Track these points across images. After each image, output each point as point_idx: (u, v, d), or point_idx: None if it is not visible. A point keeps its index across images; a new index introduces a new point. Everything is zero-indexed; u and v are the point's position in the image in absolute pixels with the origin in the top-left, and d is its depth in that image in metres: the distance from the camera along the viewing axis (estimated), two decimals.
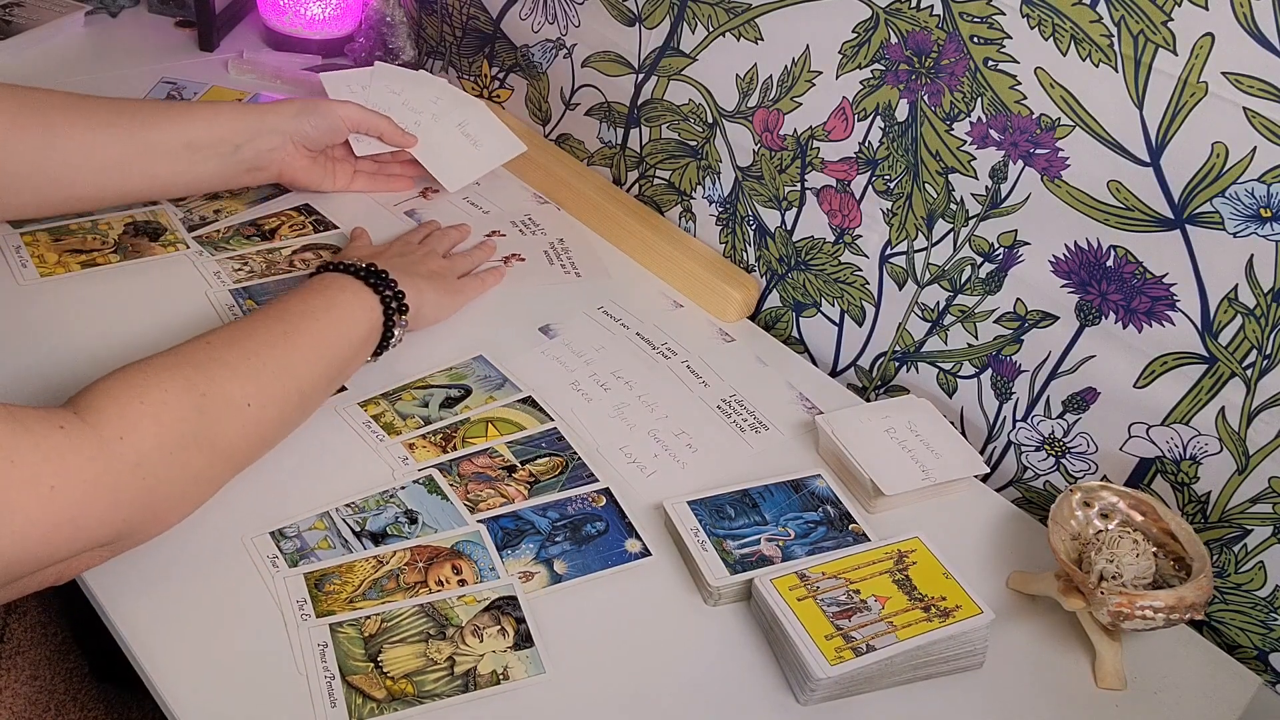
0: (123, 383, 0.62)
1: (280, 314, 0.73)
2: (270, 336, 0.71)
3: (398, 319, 0.79)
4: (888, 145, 0.83)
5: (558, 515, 0.74)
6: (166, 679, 0.61)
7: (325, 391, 0.76)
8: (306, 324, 0.73)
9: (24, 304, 0.82)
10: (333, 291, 0.77)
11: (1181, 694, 0.72)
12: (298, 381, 0.71)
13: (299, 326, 0.72)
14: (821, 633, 0.66)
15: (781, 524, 0.76)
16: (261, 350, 0.69)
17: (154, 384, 0.63)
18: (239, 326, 0.71)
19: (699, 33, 0.91)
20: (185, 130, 0.86)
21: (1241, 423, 0.72)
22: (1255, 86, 0.63)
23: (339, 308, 0.76)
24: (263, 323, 0.72)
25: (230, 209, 0.96)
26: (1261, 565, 0.74)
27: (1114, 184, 0.72)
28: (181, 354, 0.67)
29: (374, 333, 0.78)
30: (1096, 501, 0.75)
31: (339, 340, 0.75)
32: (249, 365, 0.68)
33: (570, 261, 0.99)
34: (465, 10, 1.12)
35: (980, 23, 0.74)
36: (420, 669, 0.63)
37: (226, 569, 0.67)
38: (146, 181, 0.88)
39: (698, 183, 0.99)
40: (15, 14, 1.18)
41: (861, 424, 0.83)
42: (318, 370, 0.73)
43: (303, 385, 0.72)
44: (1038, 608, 0.75)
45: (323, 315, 0.74)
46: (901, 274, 0.87)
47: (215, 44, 1.21)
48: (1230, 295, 0.69)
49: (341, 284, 0.78)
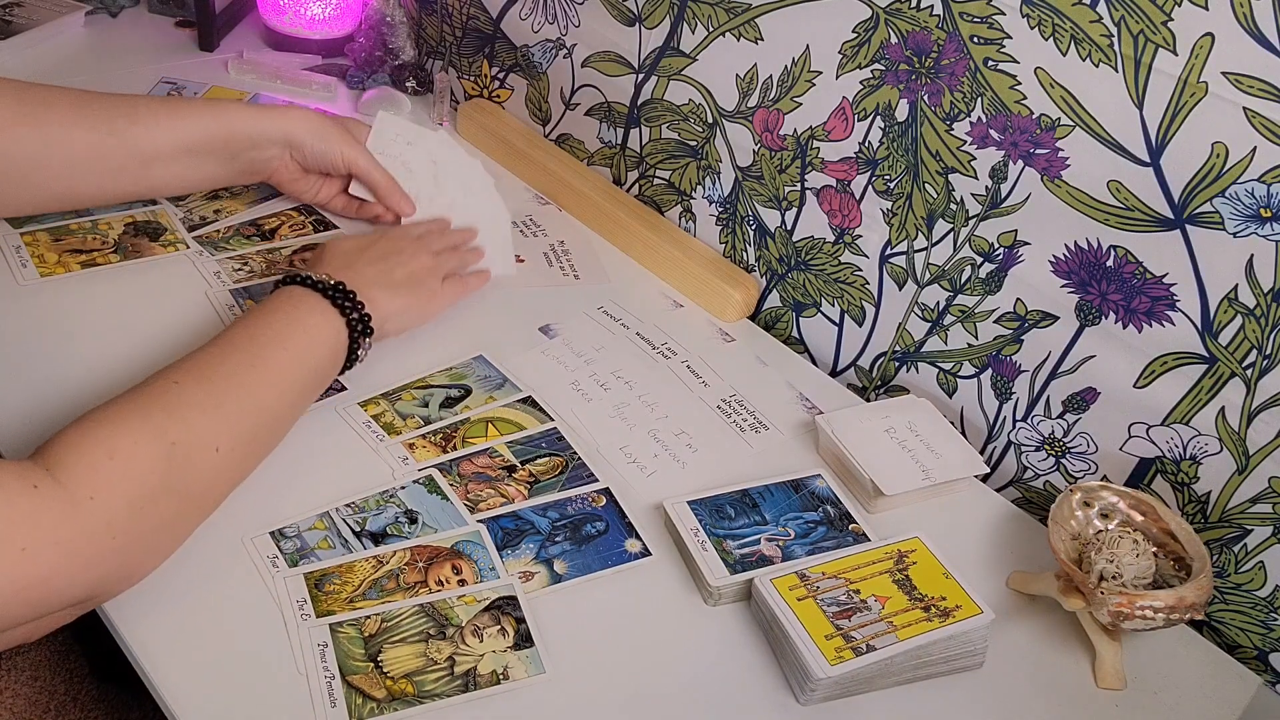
0: (92, 436, 0.61)
1: (246, 341, 0.71)
2: (237, 369, 0.69)
3: (362, 341, 0.77)
4: (888, 145, 0.83)
5: (558, 515, 0.74)
6: (167, 679, 0.61)
7: (292, 419, 0.74)
8: (273, 352, 0.71)
9: (24, 304, 0.82)
10: (300, 312, 0.74)
11: (1181, 694, 0.72)
12: (266, 415, 0.70)
13: (265, 356, 0.71)
14: (821, 633, 0.66)
15: (781, 524, 0.76)
16: (229, 387, 0.68)
17: (123, 435, 0.61)
18: (205, 359, 0.69)
19: (699, 33, 0.91)
20: (185, 135, 0.86)
21: (1241, 423, 0.72)
22: (1255, 86, 0.63)
23: (305, 332, 0.74)
24: (229, 353, 0.70)
25: (230, 209, 0.96)
26: (1261, 565, 0.74)
27: (1114, 184, 0.72)
28: (150, 396, 0.65)
29: (339, 355, 0.76)
30: (1096, 501, 0.75)
31: (305, 367, 0.73)
32: (217, 405, 0.66)
33: (570, 264, 0.99)
34: (465, 10, 1.12)
35: (980, 23, 0.74)
36: (420, 669, 0.63)
37: (227, 569, 0.67)
38: (144, 183, 0.88)
39: (698, 183, 0.99)
40: (15, 14, 1.18)
41: (861, 424, 0.83)
42: (286, 400, 0.72)
43: (270, 418, 0.71)
44: (1038, 608, 0.75)
45: (289, 341, 0.72)
46: (901, 274, 0.87)
47: (215, 44, 1.21)
48: (1230, 295, 0.69)
49: (309, 304, 0.75)
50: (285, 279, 0.78)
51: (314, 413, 0.77)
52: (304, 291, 0.76)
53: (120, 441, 0.61)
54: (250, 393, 0.69)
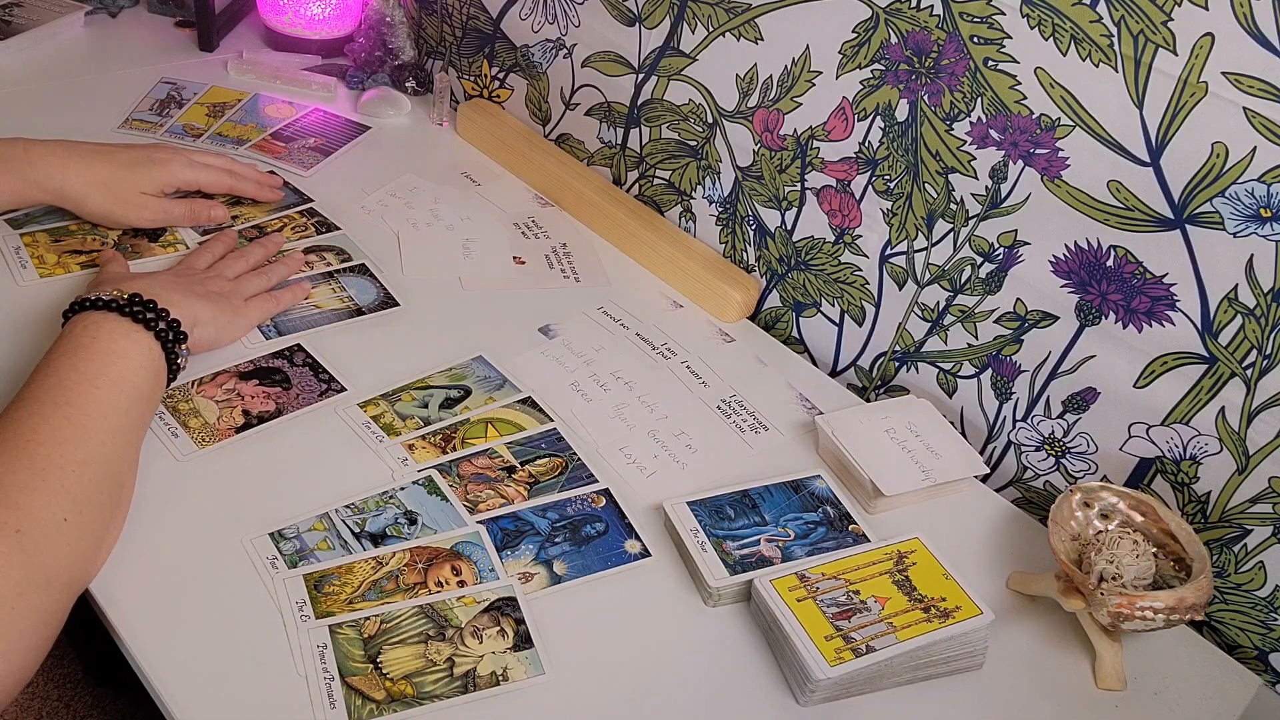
0: None
1: (53, 390, 0.65)
2: (54, 429, 0.63)
3: (179, 349, 0.72)
4: (888, 145, 0.83)
5: (557, 516, 0.74)
6: (166, 680, 0.61)
7: (133, 454, 0.69)
8: (85, 396, 0.65)
9: (24, 304, 0.82)
10: (102, 341, 0.68)
11: (1181, 694, 0.72)
12: (102, 465, 0.64)
13: (78, 402, 0.65)
14: (821, 633, 0.66)
15: (781, 524, 0.76)
16: (53, 450, 0.62)
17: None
18: (16, 427, 0.63)
19: (699, 33, 0.91)
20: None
21: (1241, 423, 0.72)
22: (1255, 86, 0.63)
23: (114, 361, 0.68)
24: (38, 410, 0.64)
25: (248, 215, 0.96)
26: (1261, 565, 0.74)
27: (1114, 184, 0.71)
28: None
29: (159, 373, 0.71)
30: (1096, 502, 0.75)
31: (126, 398, 0.67)
32: (47, 475, 0.61)
33: (570, 265, 0.99)
34: (465, 10, 1.12)
35: (980, 23, 0.74)
36: (420, 670, 0.63)
37: (226, 570, 0.67)
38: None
39: (698, 183, 0.99)
40: (15, 14, 1.18)
41: (861, 424, 0.83)
42: (118, 441, 0.66)
43: (108, 465, 0.65)
44: (1038, 608, 0.75)
45: (100, 378, 0.66)
46: (901, 274, 0.87)
47: (215, 44, 1.21)
48: (1230, 295, 0.69)
49: (109, 329, 0.69)
50: (71, 306, 0.71)
51: (313, 414, 0.77)
52: (98, 316, 0.70)
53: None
54: (77, 448, 0.63)
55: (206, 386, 0.78)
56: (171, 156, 0.91)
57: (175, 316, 0.72)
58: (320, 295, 0.89)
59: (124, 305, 0.70)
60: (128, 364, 0.68)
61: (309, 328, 0.85)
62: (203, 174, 0.93)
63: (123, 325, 0.70)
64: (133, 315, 0.70)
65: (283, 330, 0.84)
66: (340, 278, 0.91)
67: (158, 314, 0.71)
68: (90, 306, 0.70)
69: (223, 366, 0.80)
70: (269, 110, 1.12)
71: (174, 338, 0.72)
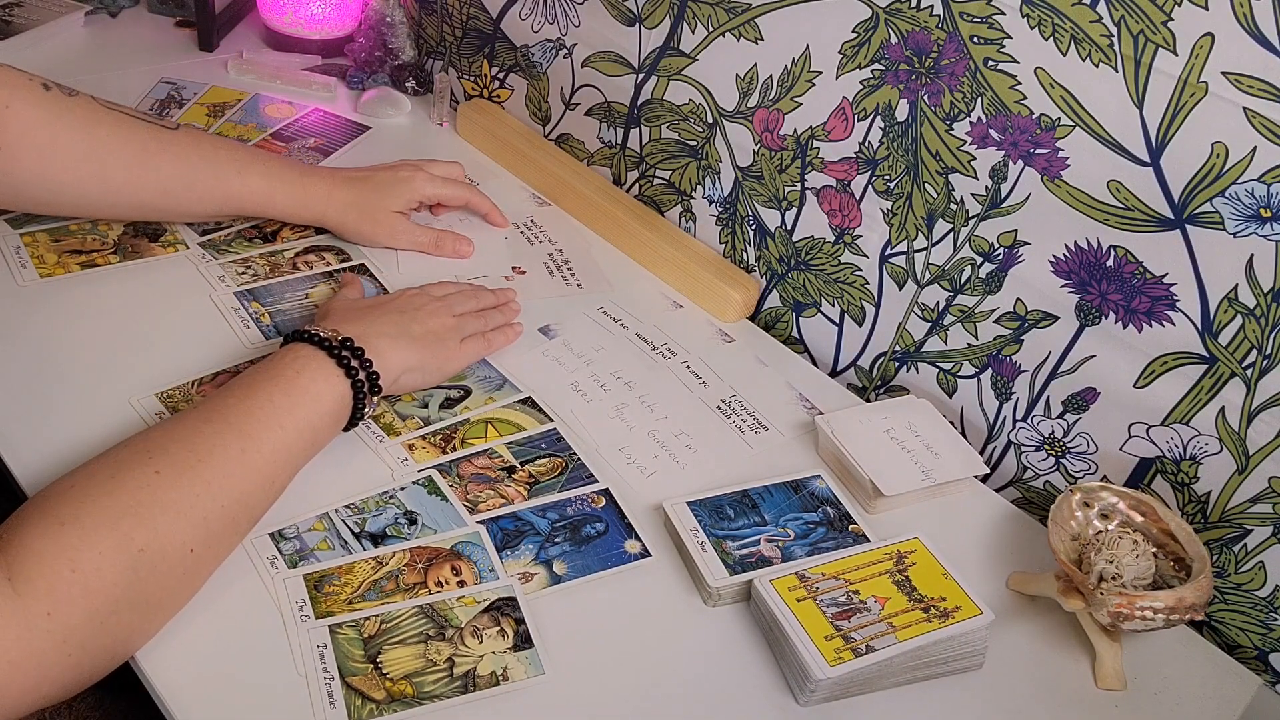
0: (56, 544, 0.56)
1: (244, 419, 0.66)
2: (225, 457, 0.63)
3: (369, 400, 0.73)
4: (888, 145, 0.83)
5: (557, 516, 0.74)
6: (166, 680, 0.61)
7: (272, 502, 0.69)
8: (270, 432, 0.66)
9: (24, 304, 0.82)
10: (304, 379, 0.69)
11: (1181, 694, 0.72)
12: (246, 508, 0.65)
13: (261, 437, 0.65)
14: (821, 633, 0.66)
15: (781, 524, 0.76)
16: (214, 477, 0.62)
17: (88, 547, 0.56)
18: (192, 438, 0.63)
19: (699, 33, 0.91)
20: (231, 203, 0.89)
21: (1241, 423, 0.72)
22: (1255, 86, 0.63)
23: (307, 401, 0.69)
24: (223, 435, 0.64)
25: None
26: (1261, 565, 0.74)
27: (1114, 184, 0.71)
28: (123, 487, 0.60)
29: (341, 417, 0.72)
30: (1096, 502, 0.75)
31: (301, 444, 0.68)
32: (197, 504, 0.61)
33: (571, 271, 0.99)
34: (465, 10, 1.12)
35: (980, 23, 0.74)
36: (420, 670, 0.63)
37: (226, 570, 0.66)
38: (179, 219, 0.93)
39: (698, 183, 0.99)
40: (15, 14, 1.18)
41: (861, 424, 0.83)
42: (273, 488, 0.67)
43: (252, 508, 0.66)
44: (1038, 608, 0.75)
45: (288, 416, 0.67)
46: (901, 274, 0.87)
47: (215, 44, 1.21)
48: (1230, 295, 0.69)
49: (314, 368, 0.70)
50: (291, 335, 0.74)
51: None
52: (309, 351, 0.71)
53: (84, 555, 0.56)
54: (235, 484, 0.64)
55: (207, 386, 0.78)
56: (413, 174, 0.96)
57: (377, 369, 0.73)
58: (320, 295, 0.89)
59: (335, 348, 0.72)
60: (316, 407, 0.70)
61: None
62: (444, 189, 0.98)
63: (325, 367, 0.71)
64: (338, 359, 0.71)
65: (283, 331, 0.84)
66: (340, 278, 0.91)
67: (361, 364, 0.72)
68: (308, 339, 0.72)
69: (223, 366, 0.80)
70: (269, 110, 1.12)
71: (368, 389, 0.73)
